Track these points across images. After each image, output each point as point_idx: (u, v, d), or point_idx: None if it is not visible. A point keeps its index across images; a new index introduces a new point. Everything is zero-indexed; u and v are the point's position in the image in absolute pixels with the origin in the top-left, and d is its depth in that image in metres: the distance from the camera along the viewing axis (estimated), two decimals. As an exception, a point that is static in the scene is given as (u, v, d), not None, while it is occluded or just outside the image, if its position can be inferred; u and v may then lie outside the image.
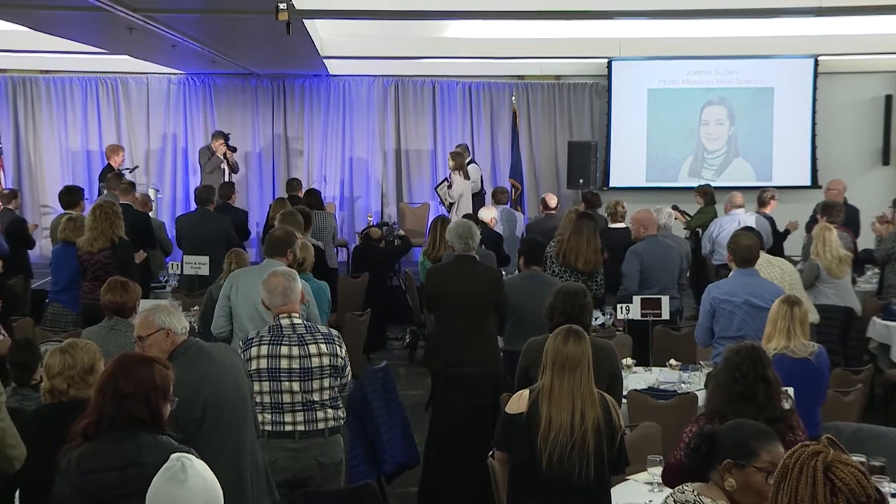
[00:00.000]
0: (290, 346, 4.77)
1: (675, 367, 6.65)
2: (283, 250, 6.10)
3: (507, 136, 15.09)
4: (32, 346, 5.77)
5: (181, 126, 15.09)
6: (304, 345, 4.79)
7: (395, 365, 9.22)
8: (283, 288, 4.88)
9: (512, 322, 7.00)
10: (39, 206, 14.81)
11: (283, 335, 4.80)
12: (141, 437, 3.20)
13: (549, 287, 7.15)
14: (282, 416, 4.75)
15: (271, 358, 4.75)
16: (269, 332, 4.83)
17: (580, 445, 4.15)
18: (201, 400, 4.01)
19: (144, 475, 3.02)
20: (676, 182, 14.86)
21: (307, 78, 15.14)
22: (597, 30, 12.93)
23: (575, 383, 4.21)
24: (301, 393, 4.75)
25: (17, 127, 14.83)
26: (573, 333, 4.30)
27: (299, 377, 4.75)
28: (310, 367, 4.77)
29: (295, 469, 4.75)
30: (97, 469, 3.16)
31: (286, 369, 4.74)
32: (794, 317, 5.31)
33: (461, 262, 6.96)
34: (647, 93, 14.85)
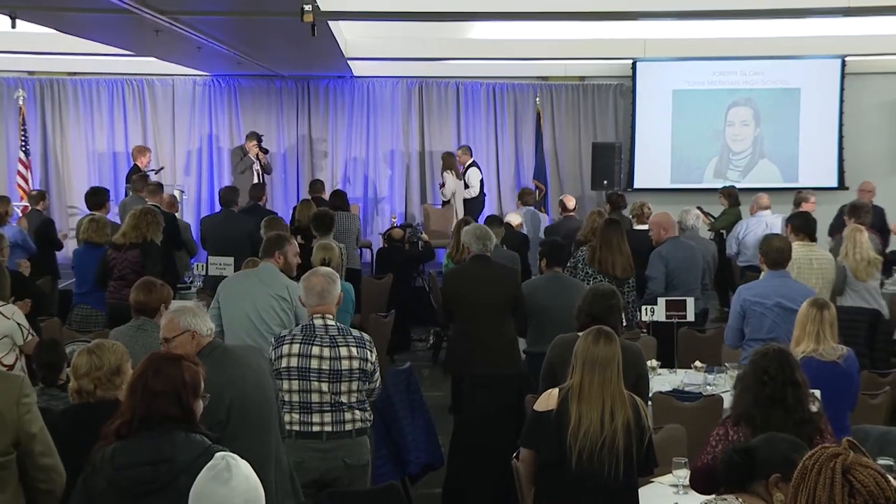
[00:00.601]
0: (321, 347, 4.76)
1: (700, 368, 6.62)
2: (273, 252, 6.22)
3: (530, 137, 15.08)
4: (58, 346, 5.82)
5: (206, 127, 15.17)
6: (335, 346, 4.78)
7: (419, 366, 9.22)
8: (321, 289, 4.88)
9: (535, 324, 6.99)
10: (66, 208, 14.93)
11: (315, 335, 4.80)
12: (174, 434, 3.23)
13: (571, 288, 7.17)
14: (310, 417, 4.75)
15: (302, 357, 4.75)
16: (302, 330, 4.83)
17: (610, 444, 4.14)
18: (226, 402, 4.03)
19: (176, 471, 3.08)
20: (701, 183, 14.79)
21: (331, 79, 15.18)
22: (621, 30, 12.90)
23: (605, 383, 4.21)
24: (330, 394, 4.75)
25: (44, 128, 14.94)
26: (603, 334, 4.30)
27: (328, 378, 4.74)
28: (339, 369, 4.75)
29: (322, 469, 4.75)
30: (130, 464, 3.19)
31: (316, 369, 4.74)
32: (823, 320, 5.27)
33: (477, 262, 6.98)
34: (672, 94, 14.79)
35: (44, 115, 14.97)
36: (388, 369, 7.35)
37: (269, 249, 6.28)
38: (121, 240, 7.91)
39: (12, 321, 6.01)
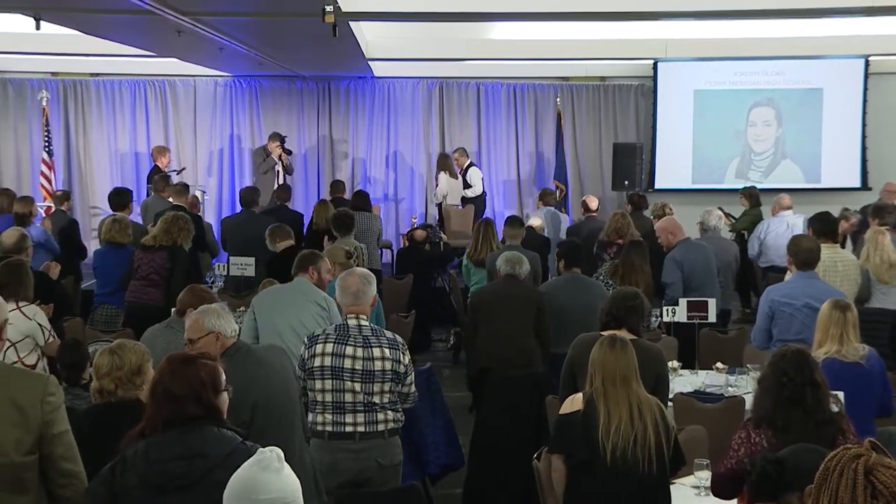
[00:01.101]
0: (354, 347, 4.77)
1: (721, 370, 6.60)
2: (306, 267, 6.26)
3: (551, 137, 15.06)
4: (81, 346, 5.86)
5: (227, 128, 15.23)
6: (369, 347, 4.78)
7: (439, 366, 9.22)
8: (356, 290, 4.90)
9: (554, 324, 6.99)
10: (89, 208, 15.03)
11: (348, 335, 4.81)
12: (205, 430, 3.25)
13: (590, 289, 7.18)
14: (343, 417, 4.75)
15: (336, 356, 4.75)
16: (336, 330, 4.84)
17: (642, 440, 4.15)
18: (251, 402, 4.05)
19: (209, 466, 3.11)
20: (723, 184, 14.73)
21: (352, 80, 15.21)
22: (642, 31, 12.85)
23: (628, 389, 4.24)
24: (363, 394, 4.75)
25: (67, 129, 15.04)
26: (618, 341, 4.32)
27: (361, 378, 4.74)
28: (372, 369, 4.75)
29: (355, 470, 4.76)
30: (164, 459, 3.21)
31: (349, 369, 4.74)
32: (846, 322, 5.24)
33: (505, 282, 6.93)
34: (694, 94, 14.73)
35: (67, 115, 15.07)
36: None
37: (303, 265, 6.28)
38: (150, 241, 7.94)
39: (34, 322, 6.04)
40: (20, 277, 6.13)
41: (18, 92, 14.97)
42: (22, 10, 8.61)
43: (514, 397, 6.30)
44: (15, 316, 5.95)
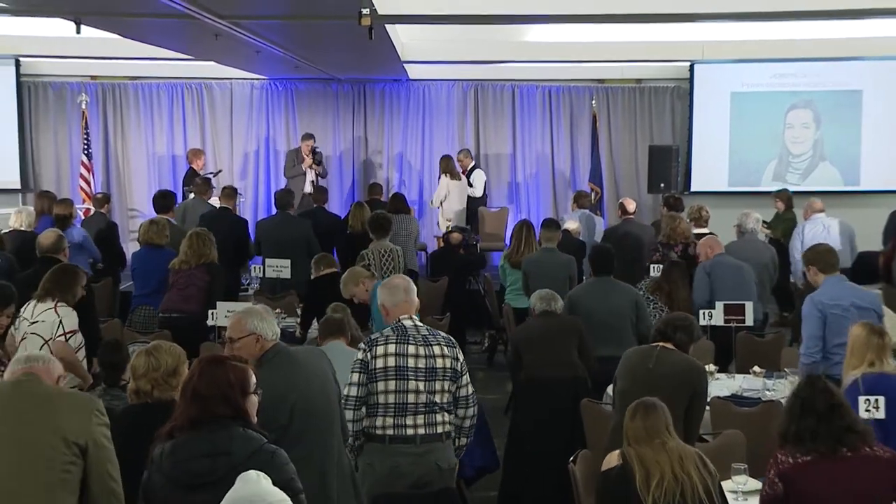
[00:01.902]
0: (416, 346, 4.82)
1: (758, 374, 6.55)
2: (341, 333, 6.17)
3: (586, 140, 15.01)
4: (121, 347, 5.92)
5: (263, 130, 15.31)
6: (429, 345, 4.84)
7: (474, 369, 9.21)
8: (406, 286, 5.00)
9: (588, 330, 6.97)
10: (127, 210, 15.16)
11: (408, 335, 4.84)
12: (231, 429, 3.30)
13: (619, 291, 7.13)
14: (404, 419, 4.76)
15: (399, 356, 4.78)
16: (395, 331, 4.86)
17: (690, 491, 3.95)
18: (289, 404, 4.07)
19: (233, 464, 3.14)
20: (759, 186, 14.61)
21: (387, 83, 15.25)
22: (679, 33, 12.77)
23: (663, 443, 4.07)
24: (425, 393, 4.78)
25: (106, 132, 15.18)
26: (640, 408, 4.16)
27: (425, 377, 4.78)
28: (434, 367, 4.81)
29: (416, 475, 4.76)
30: (189, 457, 3.26)
31: (413, 368, 4.78)
32: (884, 347, 5.13)
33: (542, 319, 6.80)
34: (731, 96, 14.62)
35: (105, 118, 15.21)
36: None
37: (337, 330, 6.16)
38: (184, 266, 7.85)
39: (58, 318, 6.16)
40: (66, 283, 6.29)
41: (58, 95, 15.14)
42: (63, 15, 8.70)
43: (550, 400, 6.29)
44: (49, 314, 6.15)
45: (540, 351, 6.56)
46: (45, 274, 6.61)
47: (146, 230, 8.63)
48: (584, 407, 5.86)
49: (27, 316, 6.21)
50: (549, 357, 6.51)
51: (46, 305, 6.21)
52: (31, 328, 6.15)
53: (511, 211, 15.03)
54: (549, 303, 6.79)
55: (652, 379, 5.04)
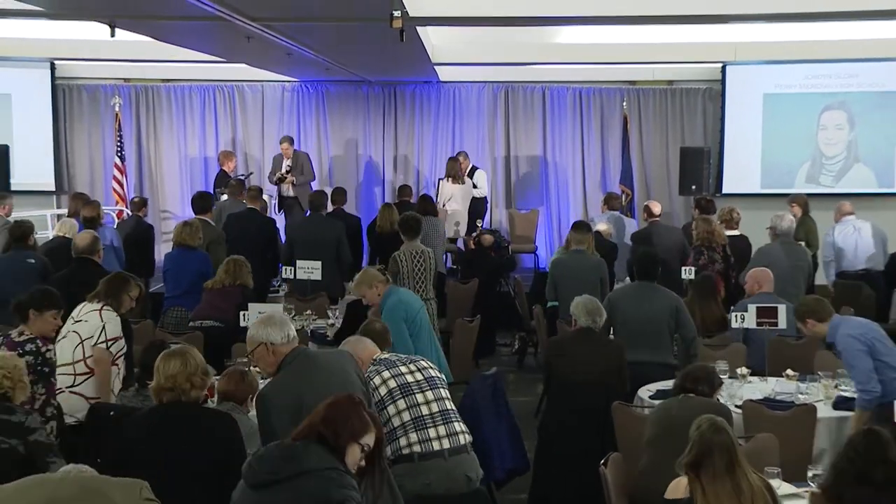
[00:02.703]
0: (405, 365, 5.00)
1: (791, 377, 6.50)
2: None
3: (617, 142, 14.96)
4: (159, 349, 5.95)
5: (294, 132, 15.35)
6: (414, 362, 5.07)
7: (504, 371, 9.21)
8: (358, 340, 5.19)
9: (620, 332, 6.94)
10: (159, 212, 15.27)
11: (392, 361, 5.03)
12: (316, 447, 3.41)
13: (659, 297, 7.07)
14: (426, 433, 4.77)
15: (396, 377, 4.89)
16: (379, 363, 5.00)
17: None
18: (305, 405, 4.08)
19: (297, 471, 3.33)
20: (792, 188, 14.45)
21: (418, 85, 15.27)
22: (711, 34, 12.70)
23: (732, 476, 3.90)
24: (435, 401, 4.87)
25: (138, 134, 15.31)
26: (712, 426, 4.01)
27: (428, 386, 4.91)
28: (432, 376, 4.99)
29: (444, 488, 4.75)
30: (264, 456, 3.41)
31: (414, 382, 4.90)
32: None
33: (584, 336, 6.64)
34: (763, 97, 14.52)
35: (138, 121, 15.34)
36: (473, 374, 7.37)
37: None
38: (218, 286, 7.88)
39: (102, 323, 6.13)
40: (115, 288, 6.28)
41: (92, 98, 15.29)
42: (97, 18, 8.79)
43: (581, 403, 6.27)
44: (93, 315, 6.14)
45: (574, 366, 6.50)
46: (82, 274, 6.69)
47: (180, 231, 8.72)
48: (616, 410, 5.83)
49: (74, 315, 6.21)
50: (582, 368, 6.46)
51: (93, 307, 6.21)
52: (73, 326, 6.14)
53: (541, 213, 15.02)
54: (593, 318, 6.58)
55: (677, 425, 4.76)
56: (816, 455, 5.69)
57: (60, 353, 5.96)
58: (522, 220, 14.87)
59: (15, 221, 8.54)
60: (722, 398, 6.17)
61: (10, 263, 8.11)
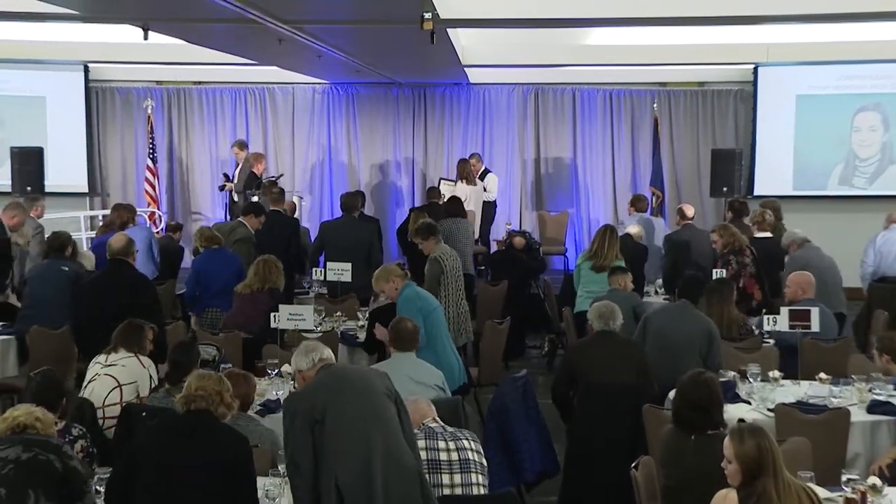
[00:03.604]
0: (445, 441, 4.76)
1: (824, 380, 6.44)
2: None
3: (648, 143, 14.90)
4: (193, 349, 5.98)
5: (325, 134, 15.43)
6: (458, 439, 4.78)
7: (534, 373, 9.18)
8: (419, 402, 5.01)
9: (653, 351, 6.90)
10: (190, 213, 15.38)
11: (436, 433, 4.80)
12: None
13: (694, 320, 6.93)
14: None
15: (431, 450, 4.70)
16: (423, 432, 4.79)
17: None
18: (319, 405, 4.19)
19: None
20: (825, 190, 14.39)
21: (448, 87, 15.28)
22: (743, 35, 12.63)
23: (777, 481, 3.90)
24: (461, 486, 4.67)
25: (170, 136, 15.43)
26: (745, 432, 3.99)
27: (459, 468, 4.68)
28: (467, 458, 4.72)
29: None
30: None
31: (446, 461, 4.69)
32: None
33: (602, 339, 6.64)
34: (796, 99, 14.41)
35: (170, 123, 15.46)
36: (503, 376, 7.37)
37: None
38: (247, 290, 7.87)
39: (146, 371, 6.08)
40: (139, 338, 6.20)
41: (125, 100, 15.42)
42: (131, 21, 8.86)
43: (609, 404, 6.24)
44: (131, 361, 6.05)
45: (597, 368, 6.47)
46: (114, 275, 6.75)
47: (199, 236, 8.98)
48: (647, 412, 5.80)
49: (101, 360, 6.07)
50: (605, 370, 6.43)
51: (125, 354, 6.08)
52: (106, 370, 5.99)
53: (571, 215, 14.99)
54: (607, 321, 6.64)
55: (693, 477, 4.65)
56: (850, 459, 5.65)
57: (90, 395, 5.89)
58: (552, 222, 14.86)
59: (53, 233, 8.63)
60: (754, 401, 6.16)
61: (45, 270, 8.19)
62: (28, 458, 4.05)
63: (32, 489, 3.97)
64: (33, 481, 4.00)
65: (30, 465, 4.03)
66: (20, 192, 12.50)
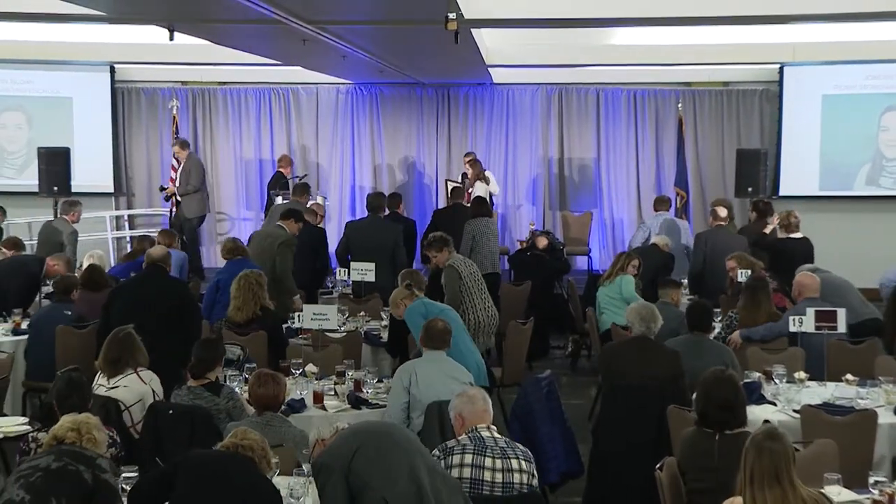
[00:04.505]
0: (493, 458, 4.61)
1: (851, 382, 6.40)
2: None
3: (672, 143, 14.84)
4: (218, 346, 6.01)
5: (348, 135, 15.45)
6: (506, 458, 4.65)
7: (558, 373, 9.17)
8: (484, 397, 4.88)
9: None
10: (215, 213, 15.44)
11: (485, 445, 4.66)
12: None
13: (713, 351, 6.72)
14: None
15: (475, 468, 4.60)
16: (472, 441, 4.68)
17: None
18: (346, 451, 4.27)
19: None
20: (852, 190, 14.29)
21: (471, 87, 15.27)
22: (768, 34, 12.54)
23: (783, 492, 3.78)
24: None
25: (195, 137, 15.48)
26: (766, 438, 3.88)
27: (501, 490, 4.59)
28: (511, 482, 4.60)
29: None
30: None
31: (489, 481, 4.58)
32: None
33: (637, 343, 6.58)
34: (822, 98, 14.31)
35: (195, 123, 15.52)
36: (526, 377, 7.37)
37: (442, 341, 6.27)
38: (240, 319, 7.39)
39: (148, 387, 6.02)
40: (131, 348, 6.09)
41: (150, 101, 15.50)
42: (157, 22, 8.91)
43: (635, 408, 6.22)
44: (131, 380, 5.99)
45: (628, 372, 6.43)
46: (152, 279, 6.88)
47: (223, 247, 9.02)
48: (671, 413, 5.79)
49: (103, 383, 6.00)
50: (636, 374, 6.38)
51: (124, 372, 6.00)
52: (109, 392, 5.93)
53: (595, 215, 14.95)
54: (647, 324, 6.55)
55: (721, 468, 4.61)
56: (877, 461, 5.62)
57: None
58: (576, 223, 14.82)
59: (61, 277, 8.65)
60: (780, 403, 6.12)
61: (49, 313, 8.14)
62: (57, 468, 4.07)
63: (55, 498, 3.99)
64: (58, 490, 4.01)
65: (57, 474, 4.06)
66: (47, 192, 12.61)
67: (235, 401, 5.72)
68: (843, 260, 10.50)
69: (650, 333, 6.56)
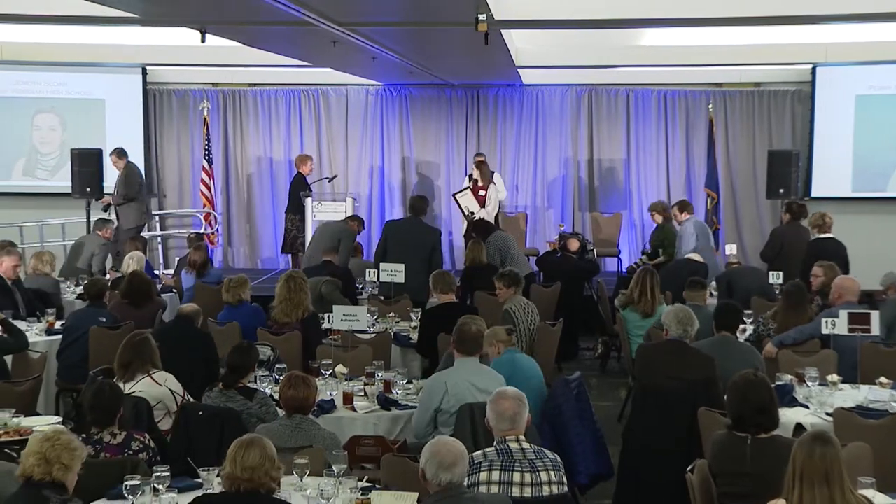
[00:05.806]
0: (521, 473, 4.51)
1: (885, 385, 6.34)
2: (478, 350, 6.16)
3: (702, 145, 14.76)
4: (251, 353, 6.01)
5: (378, 136, 15.48)
6: (536, 471, 4.53)
7: (587, 375, 9.15)
8: (513, 414, 4.66)
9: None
10: (245, 214, 15.53)
11: (513, 459, 4.54)
12: None
13: (742, 353, 6.70)
14: None
15: (503, 485, 4.48)
16: (499, 455, 4.56)
17: None
18: None
19: None
20: (885, 191, 14.15)
21: (501, 88, 15.26)
22: (801, 34, 12.44)
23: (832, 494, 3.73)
24: None
25: (226, 138, 15.58)
26: (818, 441, 3.80)
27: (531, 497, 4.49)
28: (541, 495, 4.50)
29: None
30: None
31: (518, 497, 4.46)
32: None
33: (672, 346, 6.48)
34: (855, 99, 14.18)
35: (226, 125, 15.60)
36: (556, 378, 7.34)
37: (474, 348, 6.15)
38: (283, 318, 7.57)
39: (165, 388, 6.03)
40: (143, 352, 6.08)
41: (182, 102, 15.60)
42: (189, 24, 8.97)
43: (667, 410, 6.19)
44: (145, 383, 5.98)
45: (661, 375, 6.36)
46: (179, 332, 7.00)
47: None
48: (702, 415, 5.75)
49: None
50: (669, 377, 6.30)
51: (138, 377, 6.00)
52: None
53: (624, 217, 14.89)
54: (684, 327, 6.47)
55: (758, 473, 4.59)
56: (912, 465, 5.54)
57: None
58: (606, 224, 14.77)
59: (90, 280, 8.68)
60: (812, 406, 6.07)
61: (83, 318, 8.13)
62: None
63: None
64: None
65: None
66: (80, 193, 12.72)
67: (268, 406, 5.71)
68: (876, 262, 10.41)
69: (686, 337, 6.49)
